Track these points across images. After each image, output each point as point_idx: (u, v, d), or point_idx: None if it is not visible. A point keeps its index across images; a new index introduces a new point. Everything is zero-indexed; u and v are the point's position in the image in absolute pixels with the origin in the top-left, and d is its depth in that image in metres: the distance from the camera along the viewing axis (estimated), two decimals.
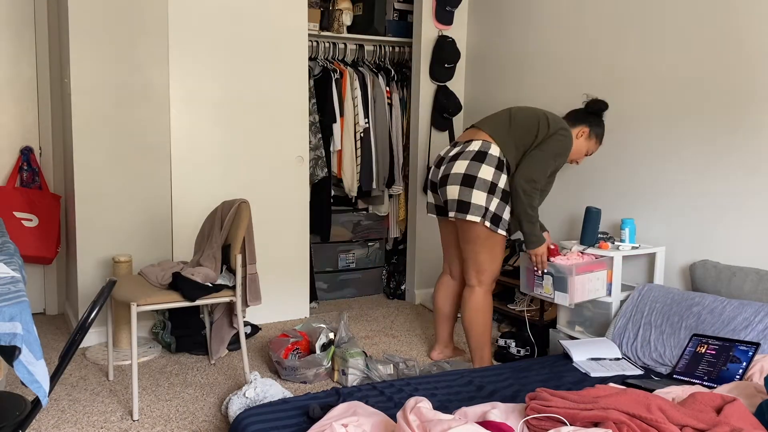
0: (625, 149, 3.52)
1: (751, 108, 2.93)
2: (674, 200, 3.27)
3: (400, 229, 4.99)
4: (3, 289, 1.80)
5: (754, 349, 2.56)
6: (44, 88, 4.07)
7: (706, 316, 2.81)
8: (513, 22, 4.26)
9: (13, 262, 2.12)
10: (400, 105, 4.78)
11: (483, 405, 2.18)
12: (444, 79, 4.57)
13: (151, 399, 2.98)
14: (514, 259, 4.16)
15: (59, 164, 4.12)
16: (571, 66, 3.83)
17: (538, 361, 2.91)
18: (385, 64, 4.81)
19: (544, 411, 2.02)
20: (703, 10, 3.10)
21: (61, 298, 4.25)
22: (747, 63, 2.93)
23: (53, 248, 3.96)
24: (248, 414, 2.27)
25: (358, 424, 2.03)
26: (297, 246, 4.21)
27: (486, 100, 4.52)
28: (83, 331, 1.75)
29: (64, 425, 2.71)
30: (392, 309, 4.53)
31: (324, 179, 4.48)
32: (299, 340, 3.31)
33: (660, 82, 3.32)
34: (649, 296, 3.08)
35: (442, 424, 1.84)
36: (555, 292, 3.18)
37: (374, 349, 3.68)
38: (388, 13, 4.79)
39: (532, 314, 3.72)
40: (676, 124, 3.25)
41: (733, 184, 3.02)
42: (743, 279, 2.87)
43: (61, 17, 3.77)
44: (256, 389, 2.65)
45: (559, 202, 3.94)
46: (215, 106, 3.86)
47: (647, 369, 2.81)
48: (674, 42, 3.24)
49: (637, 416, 1.94)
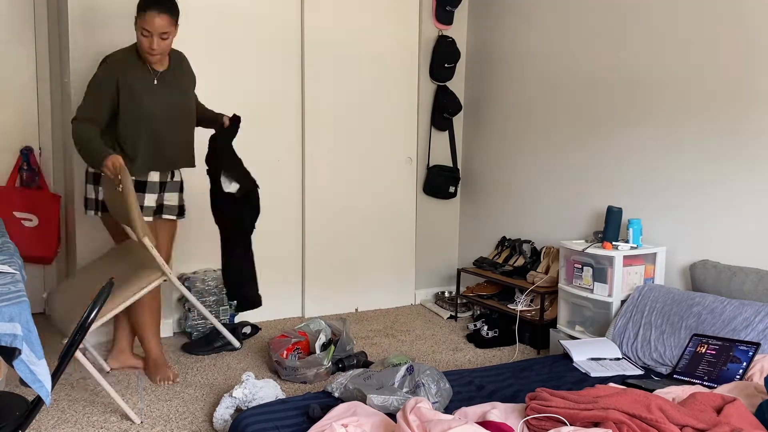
0: (626, 149, 3.52)
1: (752, 109, 2.93)
2: (675, 200, 3.27)
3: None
4: (3, 289, 1.80)
5: (754, 349, 2.56)
6: (44, 88, 4.07)
7: (707, 316, 2.81)
8: (513, 21, 4.26)
9: (13, 262, 2.12)
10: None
11: (483, 405, 2.18)
12: (444, 79, 4.57)
13: (151, 399, 2.98)
14: (514, 259, 4.16)
15: (59, 164, 4.12)
16: (571, 66, 3.83)
17: (538, 361, 2.91)
18: None
19: (544, 411, 2.02)
20: (705, 9, 3.10)
21: None
22: (748, 64, 2.93)
23: (53, 248, 3.95)
24: (248, 414, 2.28)
25: (358, 424, 2.03)
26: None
27: (486, 100, 4.52)
28: (83, 331, 1.75)
29: (64, 425, 2.70)
30: (392, 309, 4.53)
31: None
32: (300, 340, 3.31)
33: (661, 82, 3.31)
34: (650, 296, 3.08)
35: (442, 424, 1.84)
36: (594, 283, 3.24)
37: (374, 349, 3.68)
38: None
39: (533, 314, 3.73)
40: (677, 124, 3.25)
41: (733, 185, 3.01)
42: (743, 279, 2.87)
43: (61, 17, 3.77)
44: (245, 390, 2.65)
45: (559, 202, 3.94)
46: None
47: (647, 369, 2.81)
48: (675, 42, 3.24)
49: (637, 416, 1.94)
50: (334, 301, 4.36)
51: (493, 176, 4.48)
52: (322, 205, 4.26)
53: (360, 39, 4.26)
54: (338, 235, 4.33)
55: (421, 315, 4.40)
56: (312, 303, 4.29)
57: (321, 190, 4.25)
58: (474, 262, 4.30)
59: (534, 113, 4.13)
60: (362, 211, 4.40)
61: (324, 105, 4.19)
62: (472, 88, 4.65)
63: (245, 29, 3.90)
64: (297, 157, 4.19)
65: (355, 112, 4.30)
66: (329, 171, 4.26)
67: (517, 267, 4.05)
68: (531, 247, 4.13)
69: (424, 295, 4.71)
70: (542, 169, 4.07)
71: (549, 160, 4.02)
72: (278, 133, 4.08)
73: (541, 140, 4.07)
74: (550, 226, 3.99)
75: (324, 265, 4.31)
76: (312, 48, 4.11)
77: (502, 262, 4.17)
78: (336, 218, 4.31)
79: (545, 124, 4.04)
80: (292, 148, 4.16)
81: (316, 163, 4.21)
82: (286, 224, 4.18)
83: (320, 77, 4.16)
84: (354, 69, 4.26)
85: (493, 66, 4.45)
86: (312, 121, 4.17)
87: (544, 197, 4.07)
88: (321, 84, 4.16)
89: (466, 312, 4.36)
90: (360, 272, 4.43)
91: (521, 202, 4.25)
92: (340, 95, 4.24)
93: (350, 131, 4.30)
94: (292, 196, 4.20)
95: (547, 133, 4.03)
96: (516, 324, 3.75)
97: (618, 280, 3.20)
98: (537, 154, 4.11)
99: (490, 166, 4.51)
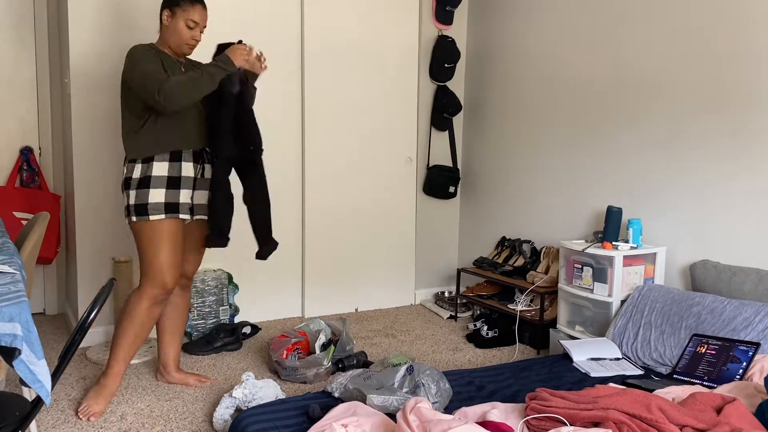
0: (626, 149, 3.52)
1: (752, 109, 2.93)
2: (675, 200, 3.27)
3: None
4: (3, 289, 1.80)
5: (754, 349, 2.56)
6: (44, 88, 4.07)
7: (706, 316, 2.81)
8: (512, 21, 4.26)
9: (13, 262, 2.12)
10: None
11: (483, 405, 2.18)
12: (444, 79, 4.57)
13: (151, 399, 2.98)
14: (514, 259, 4.16)
15: (59, 164, 4.12)
16: (572, 66, 3.83)
17: (538, 361, 2.91)
18: None
19: (544, 411, 2.02)
20: (706, 9, 3.10)
21: (61, 298, 4.25)
22: (748, 65, 2.93)
23: (53, 248, 3.95)
24: (248, 414, 2.28)
25: (358, 424, 2.03)
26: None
27: (486, 100, 4.52)
28: (83, 331, 1.75)
29: (64, 425, 2.70)
30: (392, 309, 4.53)
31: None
32: (300, 340, 3.31)
33: (661, 82, 3.31)
34: (649, 296, 3.08)
35: (442, 424, 1.84)
36: (594, 283, 3.25)
37: (374, 349, 3.68)
38: None
39: (533, 314, 3.73)
40: (677, 124, 3.25)
41: (733, 185, 3.01)
42: (743, 279, 2.87)
43: (61, 17, 3.78)
44: (245, 390, 2.65)
45: (559, 202, 3.94)
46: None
47: (647, 369, 2.81)
48: (675, 42, 3.24)
49: (637, 416, 1.94)
50: (334, 301, 4.36)
51: (493, 176, 4.48)
52: (322, 204, 4.27)
53: (360, 39, 4.26)
54: (338, 235, 4.33)
55: (421, 315, 4.40)
56: (312, 303, 4.29)
57: (321, 189, 4.25)
58: (474, 262, 4.30)
59: (534, 113, 4.13)
60: (362, 210, 4.40)
61: (324, 105, 4.19)
62: (472, 88, 4.65)
63: (245, 29, 3.90)
64: (297, 157, 4.19)
65: (355, 112, 4.30)
66: (329, 171, 4.26)
67: (517, 267, 4.05)
68: (531, 247, 4.13)
69: (424, 295, 4.71)
70: (542, 169, 4.07)
71: (549, 159, 4.02)
72: (278, 133, 4.08)
73: (541, 140, 4.07)
74: (550, 226, 3.99)
75: (324, 265, 4.31)
76: (312, 48, 4.11)
77: (502, 262, 4.18)
78: (336, 218, 4.32)
79: (545, 124, 4.04)
80: (292, 148, 4.16)
81: (316, 162, 4.21)
82: (286, 224, 4.18)
83: (320, 77, 4.16)
84: (354, 69, 4.26)
85: (493, 66, 4.45)
86: (312, 121, 4.17)
87: (544, 197, 4.07)
88: (321, 84, 4.16)
89: (466, 312, 4.36)
90: (360, 272, 4.43)
91: (521, 202, 4.25)
92: (340, 95, 4.24)
93: (350, 131, 4.30)
94: (292, 196, 4.20)
95: (547, 133, 4.03)
96: (516, 324, 3.75)
97: (618, 280, 3.20)
98: (537, 154, 4.11)
99: (490, 166, 4.51)
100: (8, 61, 3.97)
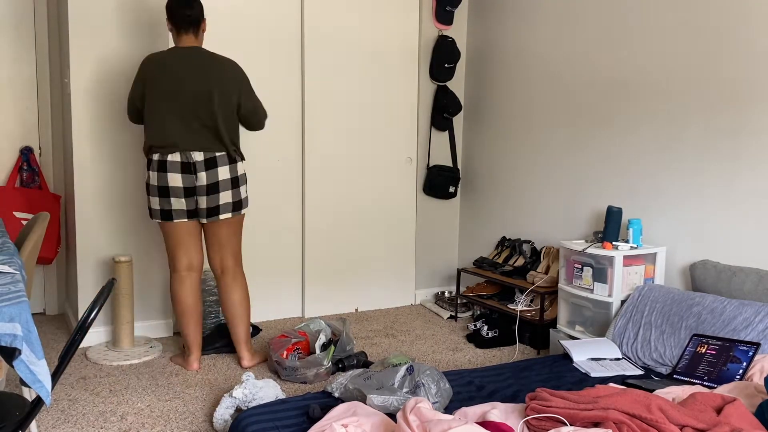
0: (626, 149, 3.52)
1: (752, 109, 2.93)
2: (675, 200, 3.27)
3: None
4: (3, 289, 1.80)
5: (754, 349, 2.56)
6: (44, 88, 4.07)
7: (707, 316, 2.81)
8: (513, 22, 4.26)
9: (13, 262, 2.12)
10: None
11: (483, 405, 2.18)
12: (444, 79, 4.57)
13: (151, 399, 2.98)
14: (514, 259, 4.16)
15: (59, 164, 4.12)
16: (572, 66, 3.83)
17: (538, 361, 2.91)
18: None
19: (544, 411, 2.02)
20: (706, 10, 3.10)
21: (61, 298, 4.25)
22: (748, 65, 2.93)
23: (53, 248, 3.95)
24: (248, 414, 2.28)
25: (358, 424, 2.03)
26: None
27: (486, 100, 4.53)
28: (83, 331, 1.74)
29: (64, 425, 2.71)
30: (392, 309, 4.53)
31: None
32: (300, 340, 3.31)
33: (661, 82, 3.32)
34: (650, 296, 3.08)
35: (442, 424, 1.84)
36: (594, 283, 3.25)
37: (374, 350, 3.68)
38: None
39: (533, 314, 3.73)
40: (677, 124, 3.25)
41: (733, 185, 3.02)
42: (743, 279, 2.87)
43: (61, 17, 3.78)
44: (245, 390, 2.65)
45: (559, 202, 3.94)
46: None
47: (647, 369, 2.81)
48: (676, 42, 3.24)
49: (637, 416, 1.94)
50: (334, 301, 4.36)
51: (493, 176, 4.49)
52: (322, 204, 4.26)
53: (360, 39, 4.26)
54: (338, 235, 4.33)
55: (421, 315, 4.41)
56: (312, 303, 4.29)
57: (321, 189, 4.25)
58: (474, 262, 4.30)
59: (534, 113, 4.13)
60: (362, 211, 4.40)
61: (324, 105, 4.19)
62: (472, 88, 4.65)
63: (245, 29, 3.91)
64: (297, 157, 4.18)
65: (355, 112, 4.30)
66: (329, 171, 4.26)
67: (517, 267, 4.05)
68: (531, 247, 4.13)
69: (424, 295, 4.71)
70: (542, 169, 4.07)
71: (549, 159, 4.02)
72: (278, 133, 4.08)
73: (541, 140, 4.07)
74: (550, 226, 3.99)
75: (324, 265, 4.31)
76: (312, 48, 4.11)
77: (502, 262, 4.18)
78: (336, 218, 4.32)
79: (545, 124, 4.04)
80: (292, 148, 4.16)
81: (316, 162, 4.21)
82: (286, 224, 4.18)
83: (320, 77, 4.16)
84: (354, 69, 4.26)
85: (493, 66, 4.45)
86: (312, 121, 4.17)
87: (544, 197, 4.07)
88: (321, 84, 4.16)
89: (466, 312, 4.36)
90: (360, 272, 4.43)
91: (521, 202, 4.25)
92: (340, 95, 4.24)
93: (350, 131, 4.30)
94: (293, 195, 4.20)
95: (548, 133, 4.03)
96: (516, 324, 3.75)
97: (618, 280, 3.20)
98: (537, 154, 4.11)
99: (490, 166, 4.51)
100: (8, 61, 3.97)
